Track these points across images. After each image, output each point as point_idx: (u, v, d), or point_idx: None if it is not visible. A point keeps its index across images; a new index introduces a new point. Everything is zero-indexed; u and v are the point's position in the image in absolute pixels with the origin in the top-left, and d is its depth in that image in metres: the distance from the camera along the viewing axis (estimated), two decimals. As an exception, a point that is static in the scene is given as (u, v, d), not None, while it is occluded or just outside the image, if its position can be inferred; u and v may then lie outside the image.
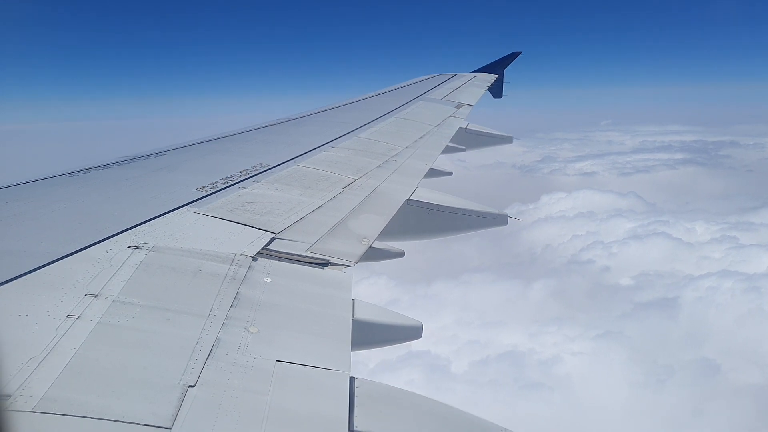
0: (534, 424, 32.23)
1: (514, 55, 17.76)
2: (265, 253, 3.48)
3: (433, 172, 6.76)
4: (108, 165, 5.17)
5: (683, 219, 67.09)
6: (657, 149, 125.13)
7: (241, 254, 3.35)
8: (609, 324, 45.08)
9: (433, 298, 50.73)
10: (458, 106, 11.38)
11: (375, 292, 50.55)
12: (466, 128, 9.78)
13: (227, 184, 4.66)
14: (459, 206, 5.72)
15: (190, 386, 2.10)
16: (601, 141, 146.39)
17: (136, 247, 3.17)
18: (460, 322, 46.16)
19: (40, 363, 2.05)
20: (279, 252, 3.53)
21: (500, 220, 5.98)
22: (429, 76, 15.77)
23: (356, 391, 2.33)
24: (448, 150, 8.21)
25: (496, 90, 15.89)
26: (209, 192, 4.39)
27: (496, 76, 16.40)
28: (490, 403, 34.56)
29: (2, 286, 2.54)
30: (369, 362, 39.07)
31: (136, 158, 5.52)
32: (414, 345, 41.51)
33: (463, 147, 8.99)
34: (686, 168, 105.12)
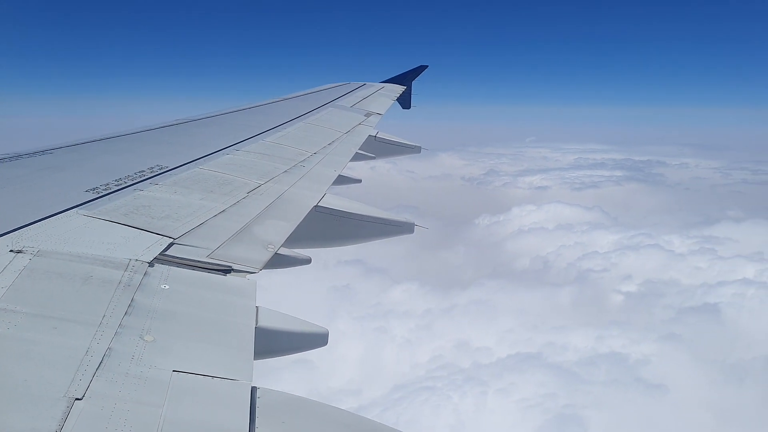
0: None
1: (421, 68, 18.26)
2: (163, 258, 3.32)
3: (342, 179, 6.77)
4: None
5: (656, 232, 71.06)
6: (593, 166, 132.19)
7: (137, 260, 3.18)
8: (662, 327, 47.75)
9: (481, 304, 52.24)
10: (368, 115, 11.50)
11: (413, 298, 52.36)
12: (375, 136, 9.90)
13: (121, 186, 4.41)
14: (367, 213, 5.76)
15: (77, 399, 1.98)
16: (536, 157, 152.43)
17: (19, 251, 2.94)
18: (525, 325, 47.58)
19: None
20: (178, 258, 3.39)
21: (407, 228, 6.09)
22: (338, 84, 15.83)
23: (258, 401, 2.28)
24: (358, 157, 8.26)
25: (404, 101, 16.25)
26: (101, 194, 4.14)
27: (405, 87, 16.78)
28: (622, 404, 36.35)
29: None
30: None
31: (18, 156, 5.11)
32: (524, 347, 43.43)
33: (373, 155, 9.10)
34: (630, 185, 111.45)
